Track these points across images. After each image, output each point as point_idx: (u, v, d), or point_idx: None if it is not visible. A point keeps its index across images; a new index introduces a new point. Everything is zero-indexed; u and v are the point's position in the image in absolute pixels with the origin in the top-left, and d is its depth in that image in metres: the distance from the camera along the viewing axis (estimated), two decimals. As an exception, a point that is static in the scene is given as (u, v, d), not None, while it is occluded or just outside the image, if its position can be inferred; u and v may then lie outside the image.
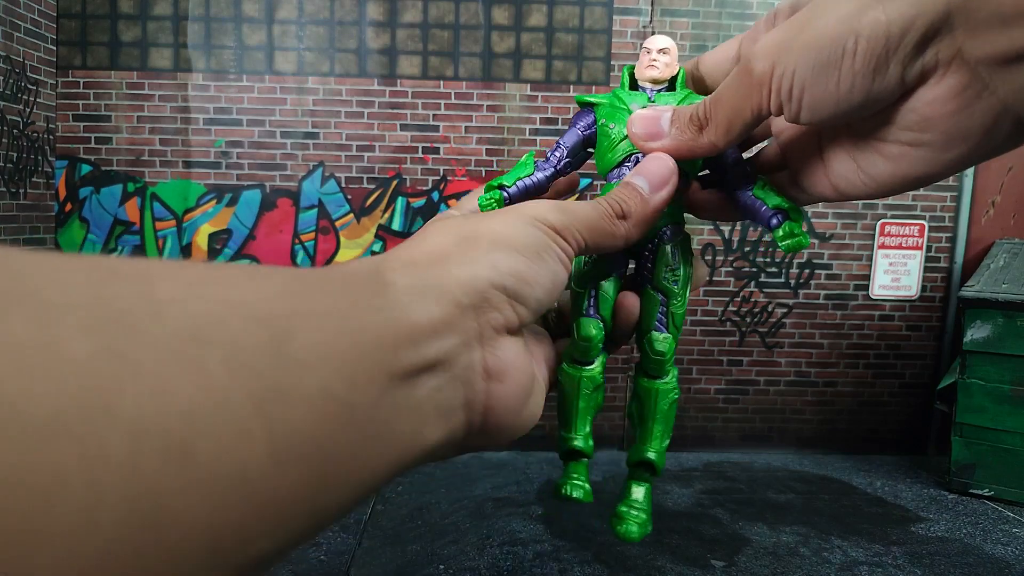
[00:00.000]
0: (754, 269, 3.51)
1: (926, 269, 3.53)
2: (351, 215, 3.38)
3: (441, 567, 2.21)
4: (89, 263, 0.17)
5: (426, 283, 0.27)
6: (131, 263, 0.18)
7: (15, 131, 2.98)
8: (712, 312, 3.53)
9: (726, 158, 0.40)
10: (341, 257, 3.38)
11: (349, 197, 3.38)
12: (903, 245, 3.51)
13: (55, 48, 3.22)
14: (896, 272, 3.53)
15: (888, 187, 0.33)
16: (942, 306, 3.55)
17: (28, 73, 3.05)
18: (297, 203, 3.36)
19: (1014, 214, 3.50)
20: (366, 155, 3.37)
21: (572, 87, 3.37)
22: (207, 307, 0.19)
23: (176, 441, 0.16)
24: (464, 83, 3.35)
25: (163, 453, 0.16)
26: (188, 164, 3.32)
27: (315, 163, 3.36)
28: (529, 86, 3.36)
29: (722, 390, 3.57)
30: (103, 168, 3.30)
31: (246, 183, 3.34)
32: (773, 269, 3.52)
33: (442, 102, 3.36)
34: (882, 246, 3.52)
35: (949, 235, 3.53)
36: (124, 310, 0.17)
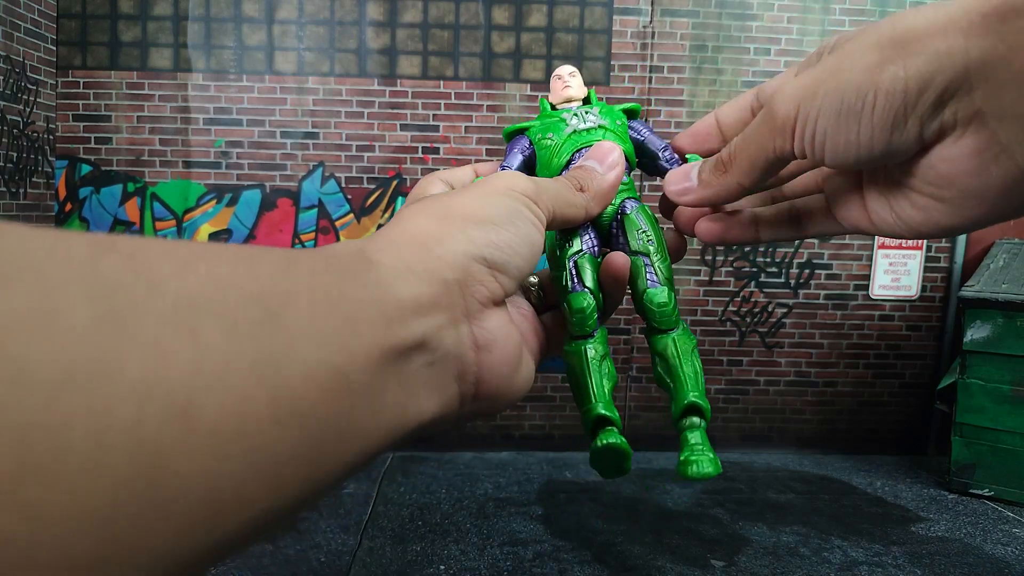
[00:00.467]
0: (754, 269, 3.52)
1: (926, 269, 3.53)
2: (351, 215, 3.38)
3: (442, 567, 2.22)
4: (87, 239, 0.18)
5: (410, 262, 0.28)
6: (128, 240, 0.19)
7: (15, 131, 2.98)
8: (712, 312, 3.53)
9: (650, 144, 0.45)
10: (341, 257, 3.38)
11: (349, 197, 3.38)
12: (903, 245, 3.51)
13: (55, 48, 3.21)
14: (896, 272, 3.53)
15: (923, 232, 0.33)
16: (942, 306, 3.55)
17: (28, 73, 3.04)
18: (297, 203, 3.36)
19: (1014, 214, 3.50)
20: (366, 155, 3.37)
21: (572, 87, 3.36)
22: (203, 282, 0.19)
23: (179, 403, 0.17)
24: (464, 83, 3.35)
25: (165, 413, 0.16)
26: (188, 164, 3.32)
27: (315, 163, 3.36)
28: (529, 86, 3.36)
29: (722, 390, 3.57)
30: (103, 168, 3.30)
31: (246, 183, 3.34)
32: (773, 269, 3.52)
33: (442, 102, 3.36)
34: (882, 246, 3.52)
35: (949, 235, 3.52)
36: (122, 283, 0.17)
